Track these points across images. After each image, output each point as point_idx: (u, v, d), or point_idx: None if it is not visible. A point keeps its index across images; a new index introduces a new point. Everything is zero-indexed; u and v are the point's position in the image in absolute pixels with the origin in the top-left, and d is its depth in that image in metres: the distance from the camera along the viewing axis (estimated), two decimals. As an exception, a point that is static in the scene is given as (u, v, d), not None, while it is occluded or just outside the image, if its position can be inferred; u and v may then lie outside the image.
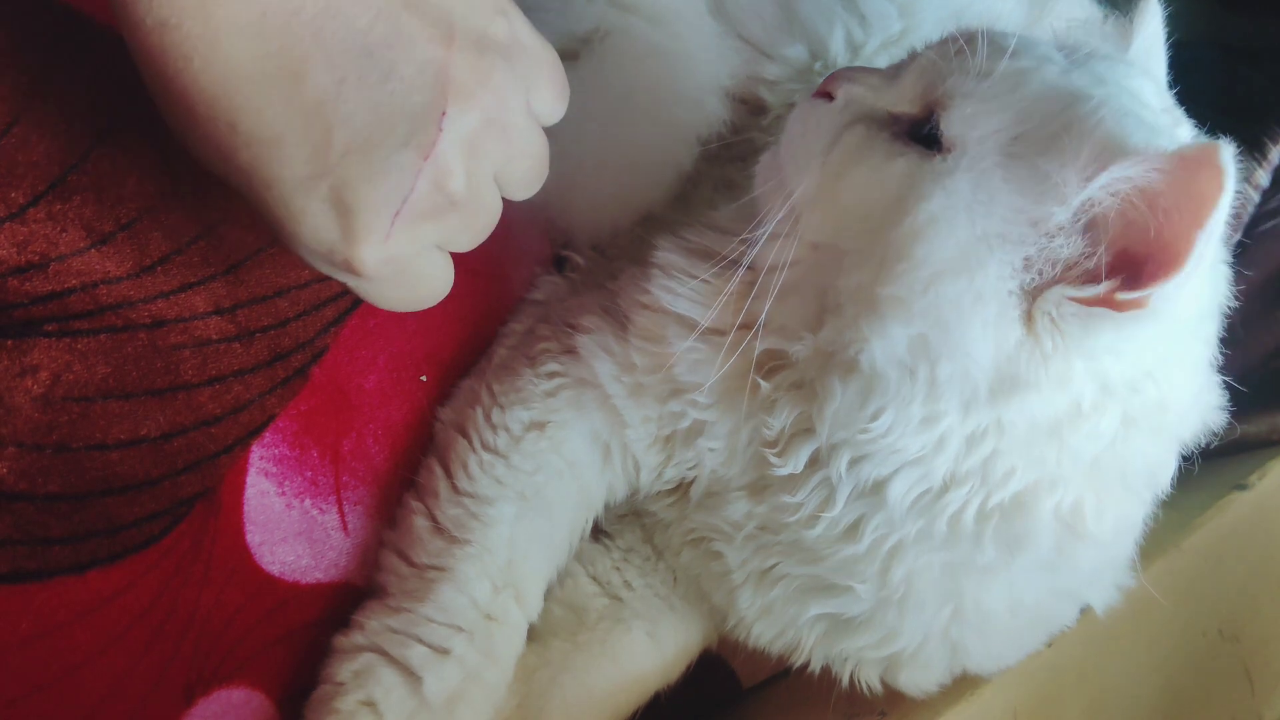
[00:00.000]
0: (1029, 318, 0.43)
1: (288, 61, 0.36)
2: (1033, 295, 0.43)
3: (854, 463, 0.48)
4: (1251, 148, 0.77)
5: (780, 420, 0.50)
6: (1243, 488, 0.73)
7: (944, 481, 0.47)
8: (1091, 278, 0.43)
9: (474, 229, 0.44)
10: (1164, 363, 0.45)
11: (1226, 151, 0.39)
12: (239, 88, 0.36)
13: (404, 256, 0.42)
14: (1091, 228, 0.43)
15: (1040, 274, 0.43)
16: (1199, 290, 0.46)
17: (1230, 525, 0.71)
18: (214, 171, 0.39)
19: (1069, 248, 0.43)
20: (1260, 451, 0.77)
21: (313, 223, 0.39)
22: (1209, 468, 0.53)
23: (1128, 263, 0.42)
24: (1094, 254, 0.43)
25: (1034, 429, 0.45)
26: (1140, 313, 0.41)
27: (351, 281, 0.42)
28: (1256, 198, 0.77)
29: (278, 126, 0.37)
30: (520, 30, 0.43)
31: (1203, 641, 0.69)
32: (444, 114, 0.40)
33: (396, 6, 0.38)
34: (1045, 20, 0.69)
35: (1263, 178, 0.77)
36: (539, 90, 0.44)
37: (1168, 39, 0.56)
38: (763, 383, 0.51)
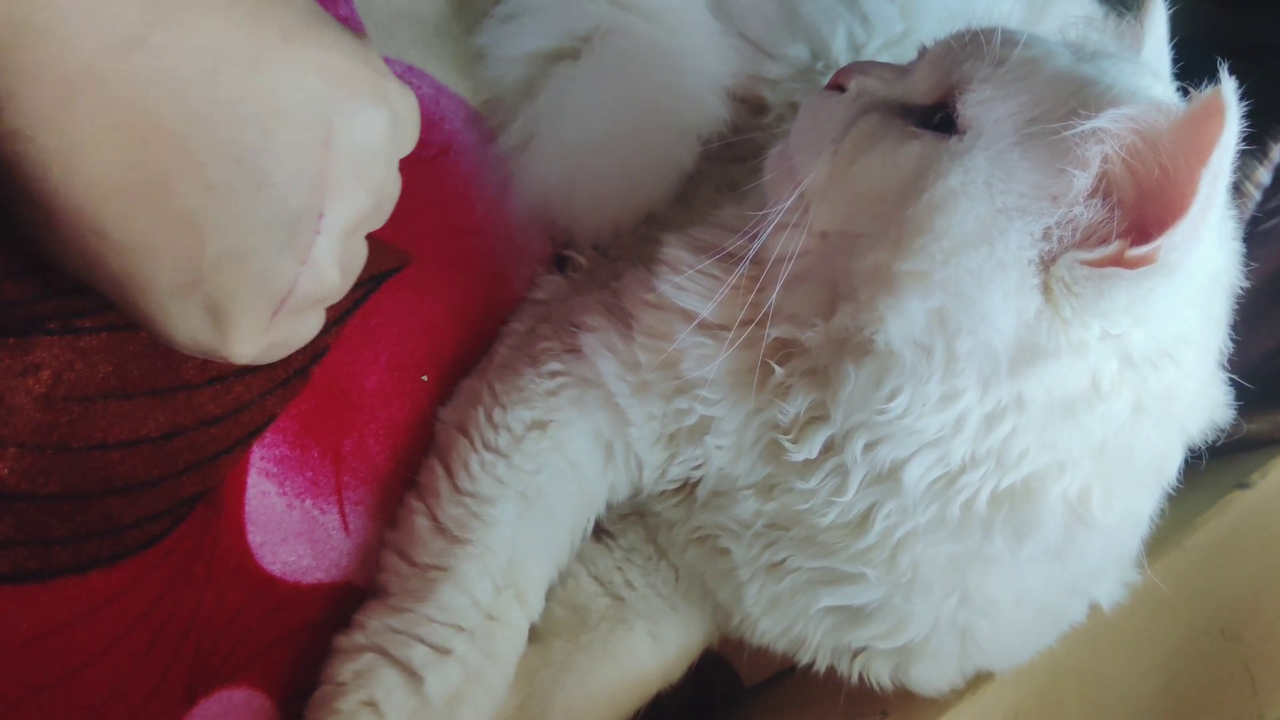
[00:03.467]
0: (1046, 287, 0.44)
1: (152, 172, 0.35)
2: (1049, 264, 0.44)
3: (869, 447, 0.48)
4: (1253, 146, 0.77)
5: (795, 406, 0.50)
6: (1244, 486, 0.73)
7: (961, 463, 0.47)
8: (1103, 241, 0.43)
9: (343, 295, 0.45)
10: (1181, 341, 0.45)
11: (1228, 90, 0.39)
12: (104, 198, 0.34)
13: (283, 338, 0.42)
14: (1107, 194, 0.44)
15: (1060, 242, 0.44)
16: (1209, 253, 0.46)
17: (1232, 524, 0.71)
18: (78, 276, 0.38)
19: (1089, 213, 0.43)
20: (1262, 450, 0.77)
21: (188, 325, 0.39)
22: (1211, 466, 0.53)
23: (1140, 228, 0.43)
24: (1109, 220, 0.43)
25: (1051, 407, 0.45)
26: (1151, 269, 0.41)
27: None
28: (1258, 196, 0.77)
29: (148, 235, 0.36)
30: (397, 104, 0.41)
31: (1204, 641, 0.69)
32: (321, 216, 0.39)
33: (265, 113, 0.36)
34: (1045, 20, 0.69)
35: (1264, 176, 0.77)
36: (405, 147, 0.44)
37: (1169, 38, 0.56)
38: (777, 367, 0.51)
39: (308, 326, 0.44)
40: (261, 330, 0.40)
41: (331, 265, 0.40)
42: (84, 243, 0.36)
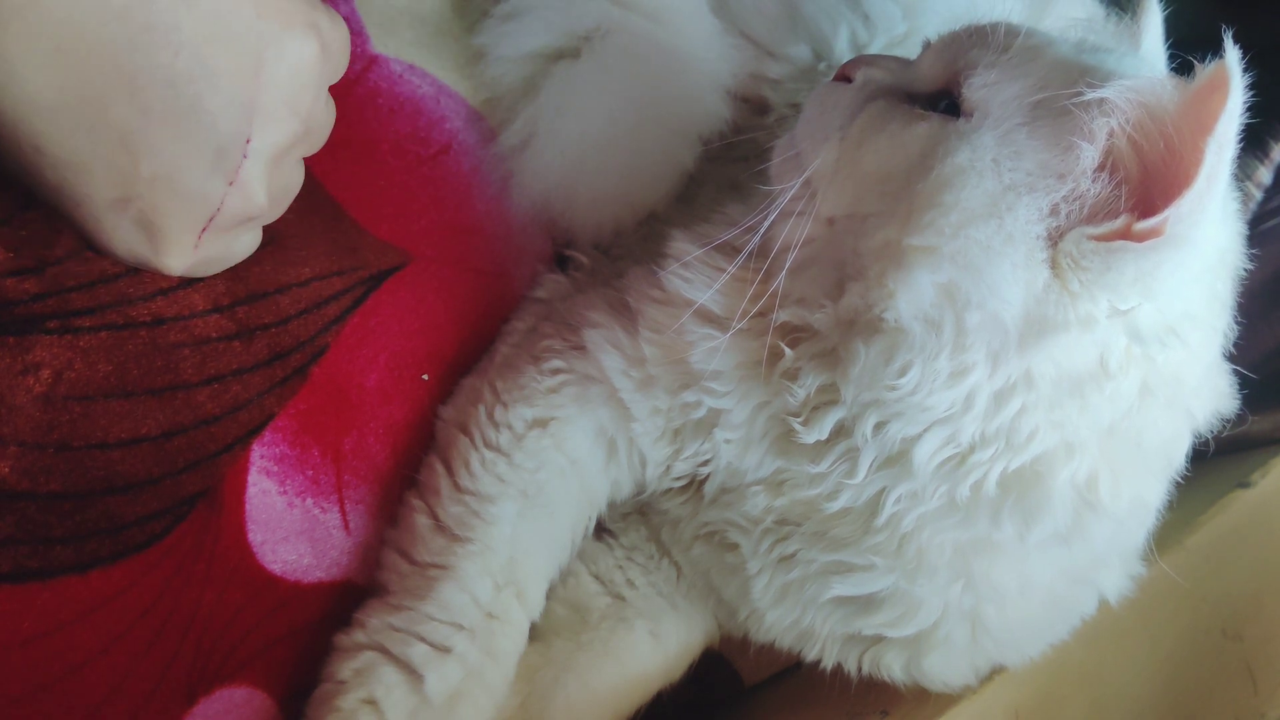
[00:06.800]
0: (1054, 262, 0.44)
1: (89, 93, 0.37)
2: (1057, 240, 0.44)
3: (880, 426, 0.48)
4: (1253, 145, 0.77)
5: (804, 388, 0.51)
6: (1245, 486, 0.73)
7: (971, 443, 0.47)
8: (1111, 216, 0.43)
9: (279, 213, 0.47)
10: (1188, 319, 0.46)
11: (1233, 60, 0.39)
12: (41, 115, 0.36)
13: (215, 254, 0.45)
14: (1113, 170, 0.44)
15: (1068, 217, 0.44)
16: (1214, 228, 0.46)
17: (1233, 523, 0.71)
18: (22, 183, 0.40)
19: (1095, 188, 0.44)
20: (1263, 449, 0.77)
21: (122, 238, 0.41)
22: (1212, 465, 0.53)
23: (1146, 203, 0.43)
24: (1115, 195, 0.44)
25: (1060, 384, 0.45)
26: (1158, 241, 0.42)
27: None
28: (1259, 196, 0.77)
29: (83, 153, 0.38)
30: (327, 34, 0.43)
31: (1205, 640, 0.69)
32: (249, 140, 0.41)
33: (200, 41, 0.38)
34: (1046, 21, 0.69)
35: (1265, 175, 0.77)
36: (335, 75, 0.46)
37: (1167, 39, 0.56)
38: (787, 349, 0.51)
39: (241, 244, 0.47)
40: (191, 245, 0.43)
41: (259, 187, 0.43)
42: (23, 156, 0.38)
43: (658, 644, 0.67)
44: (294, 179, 0.47)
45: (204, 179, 0.41)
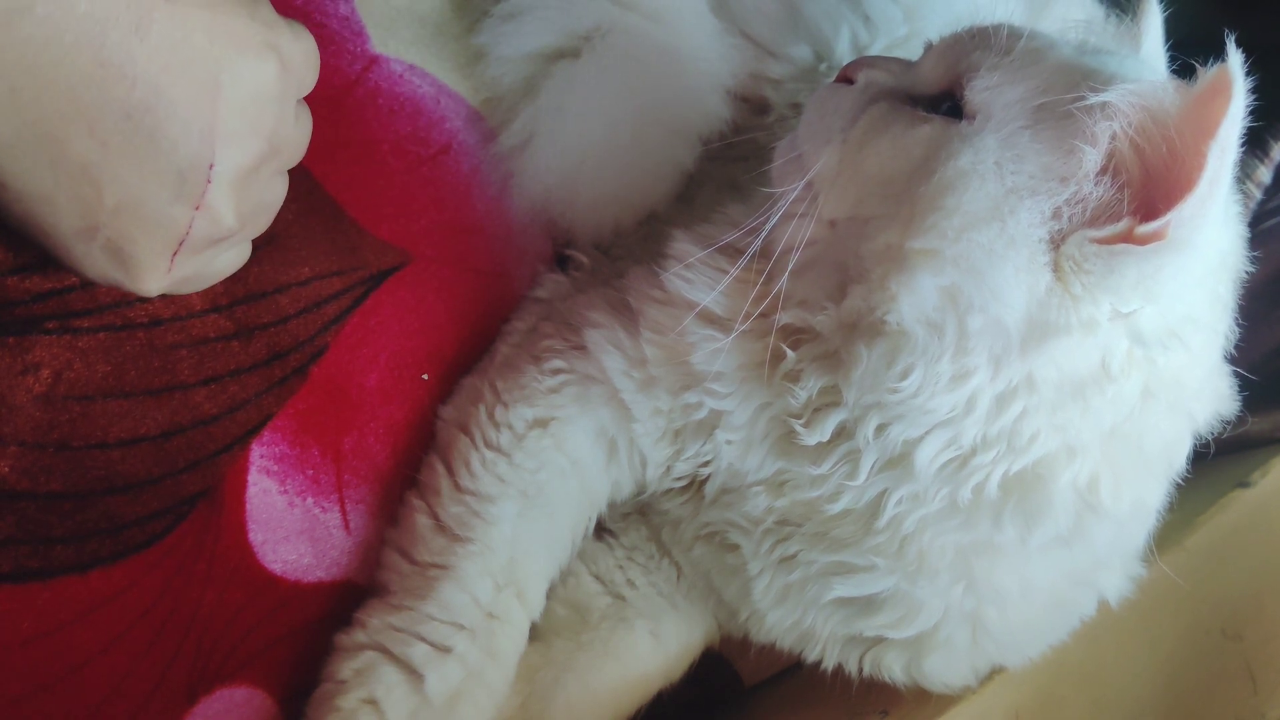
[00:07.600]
0: (1056, 265, 0.44)
1: (48, 129, 0.37)
2: (1060, 243, 0.44)
3: (881, 429, 0.48)
4: (1253, 145, 0.77)
5: (806, 389, 0.51)
6: (1245, 485, 0.73)
7: (973, 445, 0.47)
8: (1113, 220, 0.43)
9: (260, 229, 0.48)
10: (1189, 322, 0.46)
11: (1235, 64, 0.39)
12: (2, 153, 0.37)
13: (192, 273, 0.45)
14: (1116, 174, 0.44)
15: (1070, 220, 0.44)
16: (1216, 231, 0.46)
17: (1233, 523, 0.71)
18: None
19: (1098, 191, 0.44)
20: (1263, 449, 0.77)
21: (95, 265, 0.42)
22: (1212, 465, 0.53)
23: (1148, 206, 0.43)
24: (1118, 199, 0.44)
25: (1062, 387, 0.45)
26: (1161, 245, 0.42)
27: None
28: (1259, 195, 0.77)
29: (46, 187, 0.38)
30: (287, 52, 0.43)
31: (1205, 640, 0.69)
32: (211, 165, 0.41)
33: (154, 72, 0.38)
34: (1045, 23, 0.69)
35: (1265, 175, 0.77)
36: (303, 88, 0.46)
37: (1167, 40, 0.56)
38: (789, 350, 0.51)
39: (221, 261, 0.47)
40: (164, 269, 0.43)
41: (227, 209, 0.43)
42: None
43: (658, 644, 0.67)
44: (270, 195, 0.47)
45: (169, 205, 0.41)
